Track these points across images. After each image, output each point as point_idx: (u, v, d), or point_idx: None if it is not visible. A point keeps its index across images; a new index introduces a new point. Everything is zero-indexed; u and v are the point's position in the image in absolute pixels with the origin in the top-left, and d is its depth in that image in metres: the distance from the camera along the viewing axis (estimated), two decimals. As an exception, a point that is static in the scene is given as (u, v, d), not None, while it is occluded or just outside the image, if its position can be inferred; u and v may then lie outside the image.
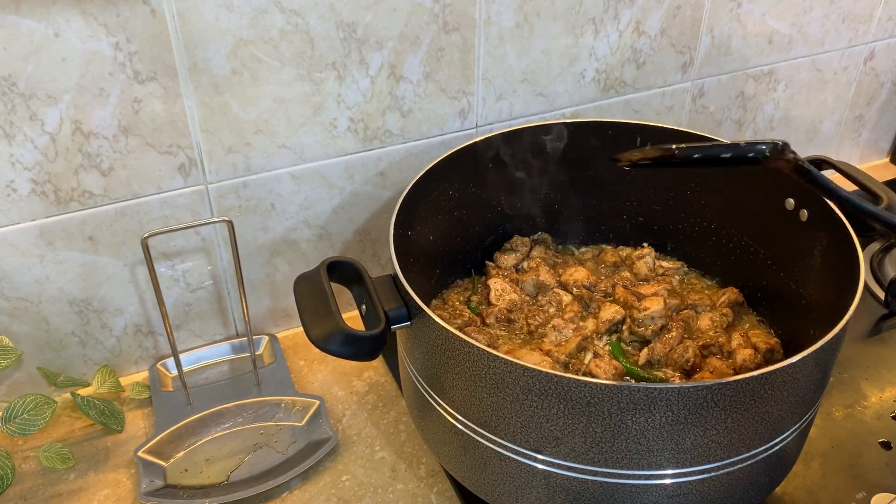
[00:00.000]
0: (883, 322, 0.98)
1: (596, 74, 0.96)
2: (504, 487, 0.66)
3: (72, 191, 0.76)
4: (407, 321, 0.66)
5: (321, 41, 0.78)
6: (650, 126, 0.88)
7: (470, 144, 0.84)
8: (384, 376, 0.91)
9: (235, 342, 0.93)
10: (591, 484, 0.61)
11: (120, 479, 0.79)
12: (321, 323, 0.63)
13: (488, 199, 0.90)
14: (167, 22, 0.71)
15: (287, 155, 0.84)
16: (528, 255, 0.92)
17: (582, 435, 0.58)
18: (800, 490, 0.76)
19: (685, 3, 0.96)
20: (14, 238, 0.76)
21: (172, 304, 0.88)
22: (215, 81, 0.76)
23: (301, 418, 0.84)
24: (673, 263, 0.93)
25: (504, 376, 0.59)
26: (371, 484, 0.78)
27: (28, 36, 0.67)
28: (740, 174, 0.84)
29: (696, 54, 1.01)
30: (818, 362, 0.61)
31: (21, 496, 0.77)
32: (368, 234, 0.94)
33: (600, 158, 0.91)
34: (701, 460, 0.60)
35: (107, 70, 0.71)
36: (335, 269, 0.70)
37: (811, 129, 1.21)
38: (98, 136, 0.74)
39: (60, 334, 0.83)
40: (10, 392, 0.84)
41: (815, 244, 0.76)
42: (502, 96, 0.92)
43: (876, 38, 1.16)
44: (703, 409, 0.56)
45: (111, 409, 0.81)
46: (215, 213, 0.84)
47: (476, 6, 0.84)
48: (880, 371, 0.90)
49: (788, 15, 1.05)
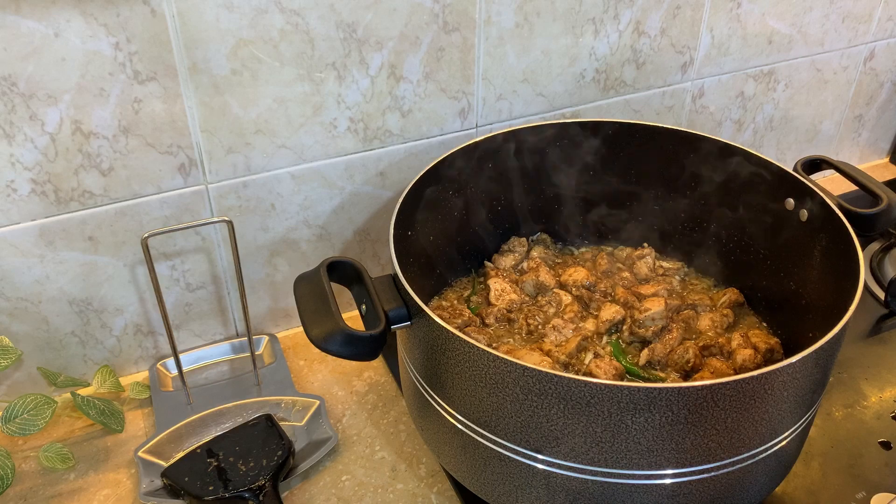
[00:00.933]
0: (883, 322, 0.98)
1: (596, 74, 0.96)
2: (504, 487, 0.66)
3: (72, 191, 0.76)
4: (407, 321, 0.66)
5: (321, 41, 0.78)
6: (650, 126, 0.88)
7: (470, 144, 0.84)
8: (384, 376, 0.91)
9: (235, 342, 0.93)
10: (591, 484, 0.61)
11: (120, 478, 0.79)
12: (321, 323, 0.63)
13: (488, 198, 0.90)
14: (167, 22, 0.71)
15: (287, 155, 0.84)
16: (526, 256, 0.92)
17: (582, 435, 0.58)
18: (800, 490, 0.76)
19: (685, 3, 0.96)
20: (14, 238, 0.76)
21: (172, 304, 0.88)
22: (215, 81, 0.76)
23: (301, 418, 0.84)
24: (673, 264, 0.93)
25: (504, 376, 0.59)
26: (371, 484, 0.78)
27: (28, 36, 0.67)
28: (740, 174, 0.84)
29: (695, 54, 1.01)
30: (818, 362, 0.61)
31: (21, 496, 0.77)
32: (368, 234, 0.94)
33: (600, 158, 0.91)
34: (701, 460, 0.60)
35: (107, 70, 0.71)
36: (335, 269, 0.70)
37: (811, 129, 1.21)
38: (98, 136, 0.74)
39: (60, 334, 0.83)
40: (11, 392, 0.84)
41: (816, 244, 0.76)
42: (502, 96, 0.92)
43: (876, 38, 1.16)
44: (703, 409, 0.56)
45: (111, 409, 0.81)
46: (215, 213, 0.84)
47: (476, 6, 0.84)
48: (880, 371, 0.90)
49: (788, 15, 1.05)
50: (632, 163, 0.91)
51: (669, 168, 0.90)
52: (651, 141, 0.89)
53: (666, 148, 0.88)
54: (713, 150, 0.85)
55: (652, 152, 0.89)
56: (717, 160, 0.86)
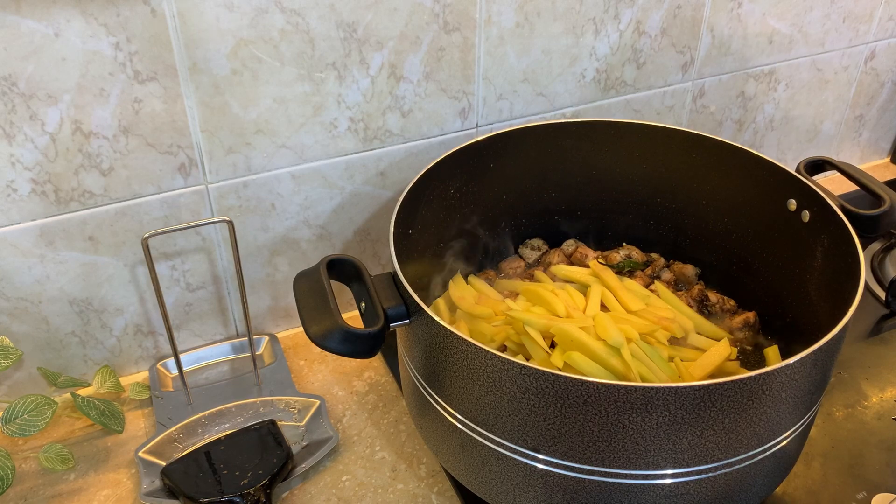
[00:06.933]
0: (883, 322, 0.98)
1: (596, 74, 0.96)
2: (502, 486, 0.66)
3: (72, 191, 0.76)
4: (406, 319, 0.66)
5: (321, 41, 0.78)
6: (650, 126, 0.88)
7: (470, 144, 0.84)
8: (384, 376, 0.91)
9: (235, 342, 0.93)
10: (589, 483, 0.61)
11: (120, 479, 0.79)
12: (320, 320, 0.63)
13: (488, 198, 0.90)
14: (167, 22, 0.71)
15: (287, 155, 0.84)
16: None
17: (579, 434, 0.58)
18: (800, 490, 0.76)
19: (685, 2, 0.96)
20: (14, 238, 0.76)
21: (172, 304, 0.88)
22: (215, 81, 0.76)
23: (301, 418, 0.84)
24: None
25: (501, 374, 0.59)
26: (371, 484, 0.78)
27: (28, 36, 0.67)
28: (741, 175, 0.84)
29: (696, 54, 1.01)
30: (818, 362, 0.61)
31: (21, 496, 0.77)
32: (369, 233, 0.94)
33: (600, 159, 0.91)
34: (699, 460, 0.60)
35: (107, 70, 0.71)
36: (335, 267, 0.70)
37: (811, 129, 1.21)
38: (98, 135, 0.74)
39: (60, 334, 0.84)
40: (11, 392, 0.84)
41: (817, 245, 0.76)
42: (502, 96, 0.92)
43: (876, 38, 1.16)
44: (701, 409, 0.56)
45: (111, 410, 0.81)
46: (215, 213, 0.84)
47: (476, 6, 0.84)
48: (881, 371, 0.90)
49: (789, 15, 1.05)
50: (632, 163, 0.91)
51: (669, 169, 0.90)
52: (651, 141, 0.89)
53: (666, 148, 0.88)
54: (714, 150, 0.85)
55: (652, 152, 0.89)
56: (717, 160, 0.86)
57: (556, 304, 0.79)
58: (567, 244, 0.95)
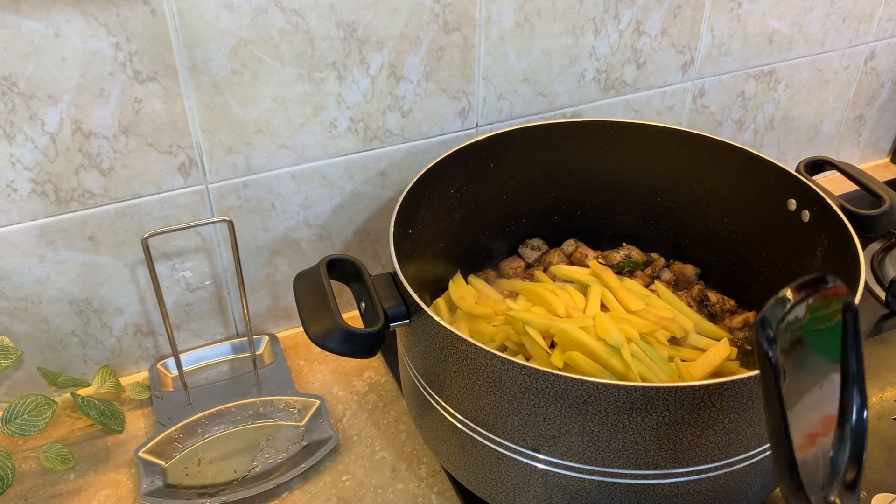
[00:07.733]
0: (883, 322, 0.98)
1: (596, 74, 0.96)
2: (502, 486, 0.66)
3: (72, 191, 0.76)
4: (406, 319, 0.66)
5: (321, 41, 0.78)
6: (650, 126, 0.88)
7: (470, 144, 0.84)
8: (384, 376, 0.91)
9: (235, 342, 0.93)
10: (589, 483, 0.61)
11: (120, 479, 0.79)
12: (320, 320, 0.63)
13: (488, 199, 0.90)
14: (167, 22, 0.71)
15: (287, 155, 0.84)
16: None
17: (579, 434, 0.58)
18: (800, 490, 0.76)
19: (685, 2, 0.96)
20: (14, 238, 0.76)
21: (172, 304, 0.88)
22: (215, 81, 0.76)
23: (301, 418, 0.84)
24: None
25: (501, 374, 0.59)
26: (371, 484, 0.78)
27: (28, 36, 0.67)
28: (742, 175, 0.84)
29: (696, 54, 1.01)
30: (817, 362, 0.61)
31: (21, 496, 0.77)
32: (369, 233, 0.94)
33: (600, 158, 0.91)
34: (699, 460, 0.60)
35: (107, 70, 0.71)
36: (335, 267, 0.70)
37: (811, 129, 1.21)
38: (98, 135, 0.74)
39: (60, 334, 0.84)
40: (11, 392, 0.84)
41: (817, 245, 0.76)
42: (502, 96, 0.92)
43: (876, 38, 1.16)
44: (700, 409, 0.56)
45: (111, 410, 0.81)
46: (215, 213, 0.84)
47: (476, 6, 0.84)
48: (881, 371, 0.90)
49: (789, 15, 1.05)
50: (632, 163, 0.91)
51: (669, 169, 0.90)
52: (651, 141, 0.89)
53: (666, 148, 0.88)
54: (714, 150, 0.85)
55: (652, 152, 0.89)
56: (717, 160, 0.86)
57: (556, 304, 0.79)
58: (567, 244, 0.95)
